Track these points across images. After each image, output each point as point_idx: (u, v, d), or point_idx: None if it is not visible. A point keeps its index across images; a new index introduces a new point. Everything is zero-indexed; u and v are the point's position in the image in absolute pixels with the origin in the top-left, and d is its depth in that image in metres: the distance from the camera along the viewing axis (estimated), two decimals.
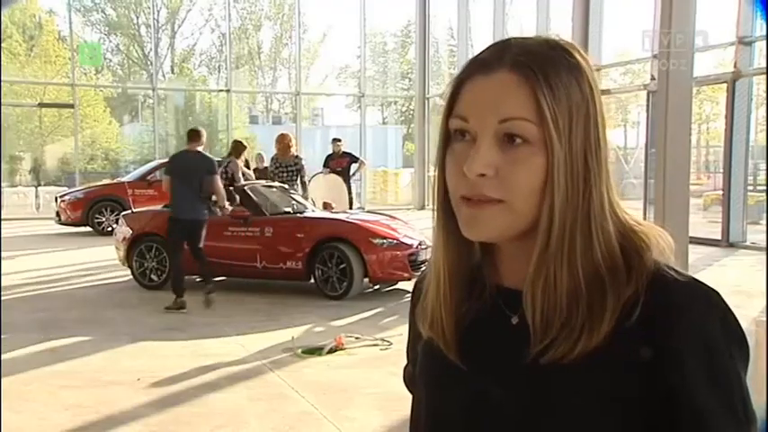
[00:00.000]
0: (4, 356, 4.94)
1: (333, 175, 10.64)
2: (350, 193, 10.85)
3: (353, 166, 11.11)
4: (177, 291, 6.56)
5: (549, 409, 0.76)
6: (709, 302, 0.76)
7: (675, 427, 0.75)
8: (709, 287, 0.77)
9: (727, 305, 0.76)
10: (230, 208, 7.43)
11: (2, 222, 14.60)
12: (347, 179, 10.78)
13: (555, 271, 0.76)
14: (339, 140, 11.45)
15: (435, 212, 0.83)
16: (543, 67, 0.74)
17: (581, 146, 0.75)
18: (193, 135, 6.72)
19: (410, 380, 0.94)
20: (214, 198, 7.01)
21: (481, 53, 0.79)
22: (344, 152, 11.16)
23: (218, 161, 7.19)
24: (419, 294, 0.89)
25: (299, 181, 8.50)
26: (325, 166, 11.07)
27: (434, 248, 0.85)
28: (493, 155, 0.75)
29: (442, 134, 0.80)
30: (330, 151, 11.23)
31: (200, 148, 6.70)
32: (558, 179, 0.74)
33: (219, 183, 6.73)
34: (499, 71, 0.75)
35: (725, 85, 11.43)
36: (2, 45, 21.39)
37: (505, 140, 0.75)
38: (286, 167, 8.52)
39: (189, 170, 6.56)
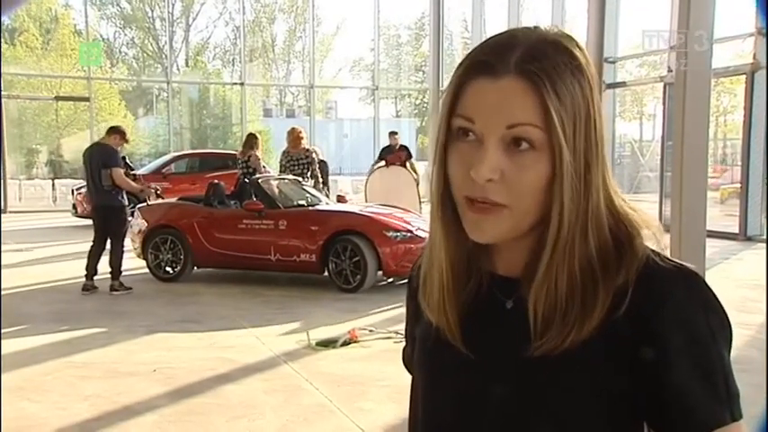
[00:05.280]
0: (22, 347, 5.03)
1: (401, 169, 10.26)
2: None
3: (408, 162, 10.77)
4: (112, 272, 6.92)
5: (538, 400, 0.79)
6: (690, 288, 0.77)
7: (661, 409, 0.77)
8: (691, 271, 0.78)
9: (709, 288, 0.78)
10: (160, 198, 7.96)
11: (9, 215, 14.81)
12: None
13: (557, 271, 0.78)
14: (396, 133, 11.07)
15: (434, 206, 0.84)
16: (550, 74, 0.75)
17: (583, 147, 0.77)
18: (108, 131, 7.09)
19: (409, 360, 0.98)
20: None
21: (483, 52, 0.78)
22: (402, 145, 10.85)
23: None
24: (417, 280, 0.91)
25: (309, 174, 8.51)
26: (380, 158, 10.78)
27: (433, 240, 0.86)
28: (500, 159, 0.76)
29: (443, 130, 0.80)
30: (387, 143, 10.86)
31: (112, 142, 6.91)
32: (566, 183, 0.76)
33: (117, 174, 6.76)
34: (505, 76, 0.75)
35: (743, 77, 11.29)
36: (12, 41, 21.58)
37: (512, 144, 0.76)
38: (297, 161, 8.52)
39: (91, 162, 6.90)
